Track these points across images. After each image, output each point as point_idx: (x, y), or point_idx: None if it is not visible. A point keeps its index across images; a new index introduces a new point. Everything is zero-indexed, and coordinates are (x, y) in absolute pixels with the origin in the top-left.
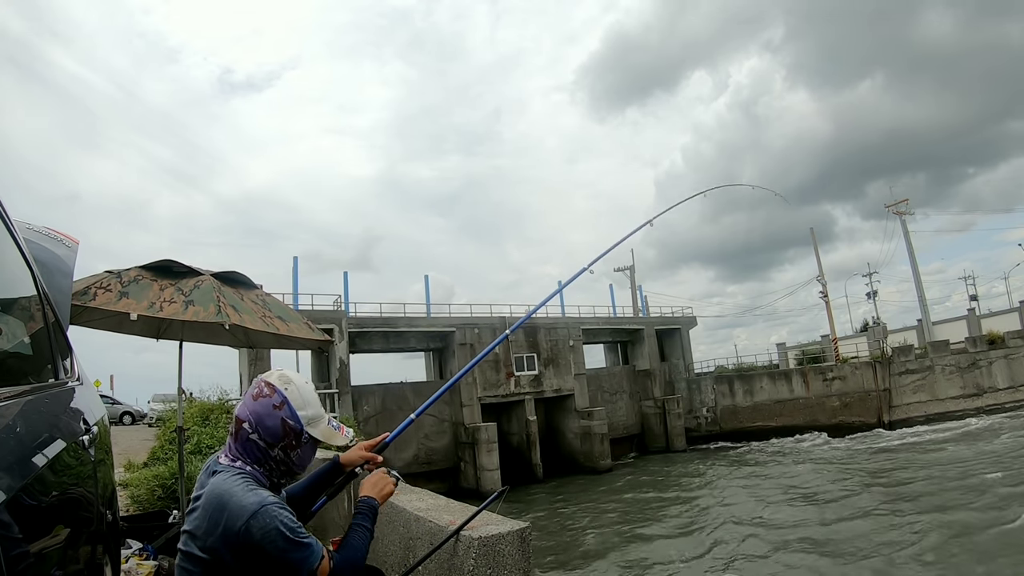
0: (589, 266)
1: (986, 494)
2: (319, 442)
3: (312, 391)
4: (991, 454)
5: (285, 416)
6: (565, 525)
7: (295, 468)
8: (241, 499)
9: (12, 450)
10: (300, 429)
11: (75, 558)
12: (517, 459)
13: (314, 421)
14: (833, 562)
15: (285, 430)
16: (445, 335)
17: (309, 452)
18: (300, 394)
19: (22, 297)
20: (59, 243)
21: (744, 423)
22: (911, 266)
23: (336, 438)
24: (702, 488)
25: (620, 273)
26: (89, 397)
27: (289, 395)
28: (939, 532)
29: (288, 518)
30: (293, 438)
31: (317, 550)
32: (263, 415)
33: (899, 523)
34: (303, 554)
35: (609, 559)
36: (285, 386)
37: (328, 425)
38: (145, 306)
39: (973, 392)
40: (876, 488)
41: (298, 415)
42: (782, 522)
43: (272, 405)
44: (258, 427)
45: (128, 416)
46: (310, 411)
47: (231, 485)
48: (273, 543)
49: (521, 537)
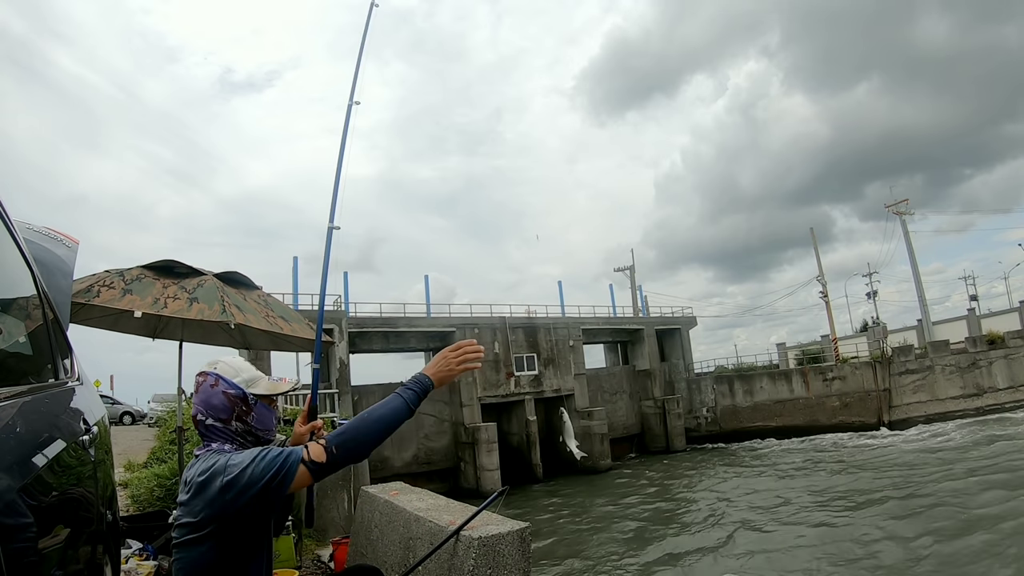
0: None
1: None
2: (271, 399)
3: (243, 361)
4: (993, 455)
5: (224, 389)
6: (565, 525)
7: (259, 432)
8: (221, 460)
9: (12, 450)
10: (243, 393)
11: (75, 558)
12: (517, 459)
13: (252, 382)
14: (834, 562)
15: (230, 400)
16: (445, 335)
17: (264, 412)
18: (230, 365)
19: (22, 297)
20: (59, 243)
21: (744, 423)
22: (911, 266)
23: (280, 387)
24: (702, 488)
25: (620, 273)
26: (89, 397)
27: (220, 370)
28: (942, 532)
29: (249, 452)
30: (241, 404)
31: (294, 451)
32: (207, 398)
33: (898, 523)
34: (278, 465)
35: (609, 559)
36: (215, 366)
37: (269, 380)
38: (149, 303)
39: (973, 392)
40: (876, 487)
41: (234, 382)
42: (782, 522)
43: (209, 386)
44: (208, 411)
45: (128, 416)
46: (244, 375)
47: (210, 460)
48: (248, 473)
49: (521, 537)
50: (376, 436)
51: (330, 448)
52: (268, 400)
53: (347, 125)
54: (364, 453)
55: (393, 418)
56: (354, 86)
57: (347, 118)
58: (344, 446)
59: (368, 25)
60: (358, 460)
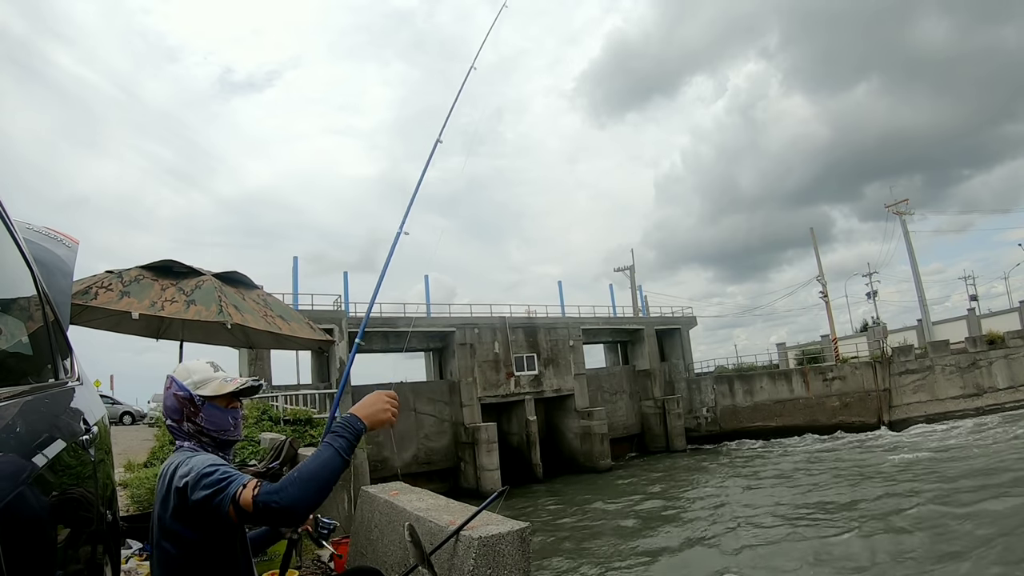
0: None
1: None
2: (225, 400)
3: (201, 363)
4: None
5: (175, 391)
6: (565, 525)
7: (212, 432)
8: (168, 465)
9: (12, 450)
10: (189, 394)
11: (75, 558)
12: (517, 459)
13: (202, 383)
14: (833, 562)
15: (179, 402)
16: (445, 335)
17: (214, 413)
18: (185, 369)
19: (22, 297)
20: (59, 243)
21: (744, 423)
22: (911, 266)
23: (226, 387)
24: (702, 488)
25: (620, 273)
26: (89, 397)
27: (176, 374)
28: (941, 532)
29: (203, 459)
30: (189, 405)
31: (236, 480)
32: (165, 399)
33: (899, 522)
34: (215, 488)
35: (609, 559)
36: (174, 371)
37: (220, 381)
38: (147, 305)
39: (973, 392)
40: (875, 488)
41: (183, 384)
42: (783, 522)
43: (166, 388)
44: (167, 412)
45: (128, 416)
46: (195, 377)
47: (172, 459)
48: (190, 483)
49: (521, 537)
50: (310, 496)
51: (256, 504)
52: (225, 401)
53: (392, 251)
54: (295, 515)
55: (327, 475)
56: (406, 217)
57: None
58: (268, 506)
59: (429, 162)
60: (289, 524)
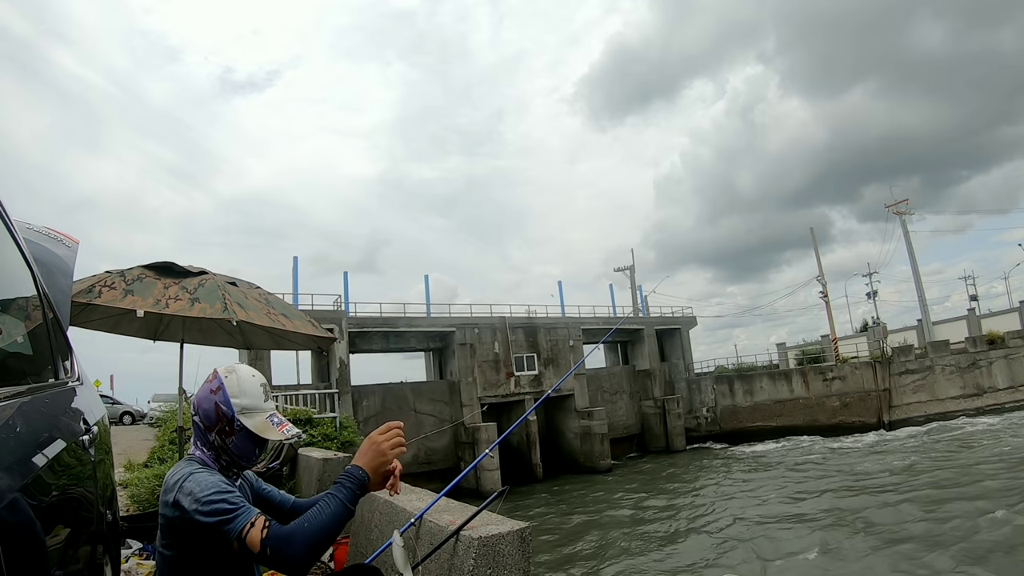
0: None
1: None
2: (258, 437)
3: (255, 384)
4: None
5: (219, 401)
6: (565, 525)
7: (235, 457)
8: (174, 473)
9: (12, 450)
10: (231, 415)
11: (75, 558)
12: (517, 459)
13: (248, 411)
14: (835, 561)
15: (218, 415)
16: (445, 335)
17: (245, 443)
18: (238, 382)
19: (22, 297)
20: (59, 243)
21: (744, 423)
22: (911, 266)
23: (270, 432)
24: (702, 488)
25: (620, 273)
26: (89, 397)
27: (227, 382)
28: (942, 532)
29: (209, 483)
30: (226, 423)
31: (242, 515)
32: (202, 398)
33: (899, 522)
34: (221, 518)
35: (609, 559)
36: (227, 375)
37: (267, 420)
38: (151, 303)
39: (973, 392)
40: (875, 488)
41: (231, 401)
42: (783, 522)
43: (210, 390)
44: (199, 409)
45: (128, 416)
46: (245, 400)
47: (175, 469)
48: (192, 507)
49: (521, 537)
50: (315, 550)
51: (264, 548)
52: (253, 436)
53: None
54: (299, 569)
55: (335, 527)
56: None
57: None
58: (277, 553)
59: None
60: (292, 572)
